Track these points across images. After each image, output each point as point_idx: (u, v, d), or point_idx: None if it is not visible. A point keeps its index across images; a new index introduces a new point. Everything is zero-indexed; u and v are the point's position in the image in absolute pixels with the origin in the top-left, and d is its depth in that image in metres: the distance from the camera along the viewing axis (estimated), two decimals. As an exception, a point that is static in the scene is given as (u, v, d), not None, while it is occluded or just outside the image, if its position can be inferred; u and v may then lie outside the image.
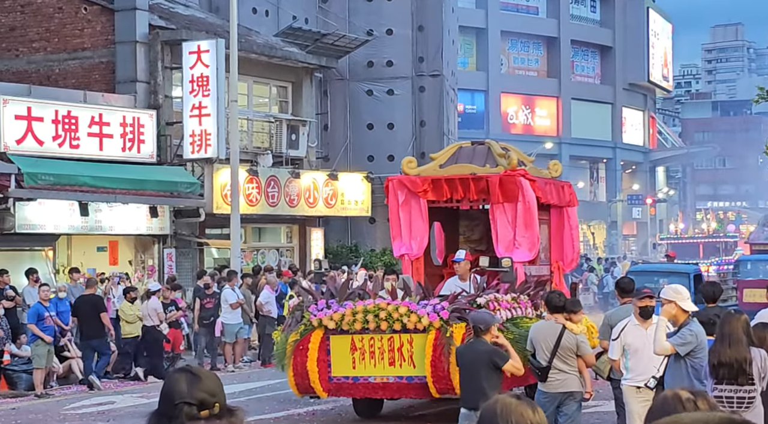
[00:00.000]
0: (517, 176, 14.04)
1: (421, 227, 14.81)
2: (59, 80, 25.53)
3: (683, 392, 3.00)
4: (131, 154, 24.16)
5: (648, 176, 76.06)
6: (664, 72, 77.70)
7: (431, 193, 14.56)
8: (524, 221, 14.07)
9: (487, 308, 11.92)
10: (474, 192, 14.33)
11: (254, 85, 28.68)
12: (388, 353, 12.59)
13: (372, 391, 12.87)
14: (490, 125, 63.05)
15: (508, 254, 14.05)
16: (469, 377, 9.33)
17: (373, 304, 12.76)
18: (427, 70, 32.38)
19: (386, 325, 12.52)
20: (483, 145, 15.35)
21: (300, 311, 13.14)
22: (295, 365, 12.85)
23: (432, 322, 12.29)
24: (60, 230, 22.94)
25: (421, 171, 15.07)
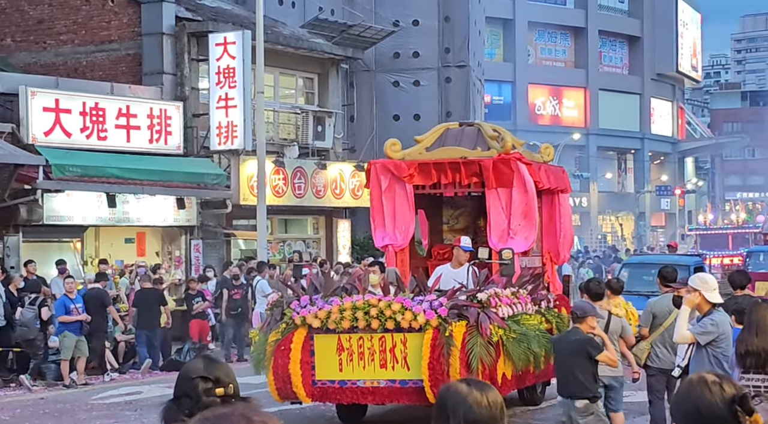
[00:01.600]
0: (512, 160, 13.00)
1: (406, 214, 13.55)
2: (86, 72, 25.65)
3: (709, 375, 2.98)
4: (158, 145, 24.25)
5: (676, 167, 75.57)
6: (693, 62, 77.13)
7: (418, 177, 13.33)
8: (520, 208, 13.04)
9: (488, 305, 11.26)
10: (465, 177, 13.13)
11: (280, 77, 28.70)
12: (379, 354, 11.36)
13: (361, 396, 11.60)
14: (518, 116, 62.84)
15: (502, 244, 12.89)
16: (564, 366, 9.43)
17: (363, 300, 11.52)
18: (453, 61, 32.32)
19: (377, 323, 11.29)
20: (472, 127, 14.26)
21: (280, 307, 11.92)
22: (275, 367, 11.61)
23: (429, 320, 11.11)
24: (88, 221, 23.07)
25: (405, 154, 13.87)
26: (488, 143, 13.60)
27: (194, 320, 20.92)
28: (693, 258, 23.40)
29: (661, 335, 10.97)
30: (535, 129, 61.67)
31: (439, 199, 15.33)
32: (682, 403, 2.97)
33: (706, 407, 2.86)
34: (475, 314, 11.13)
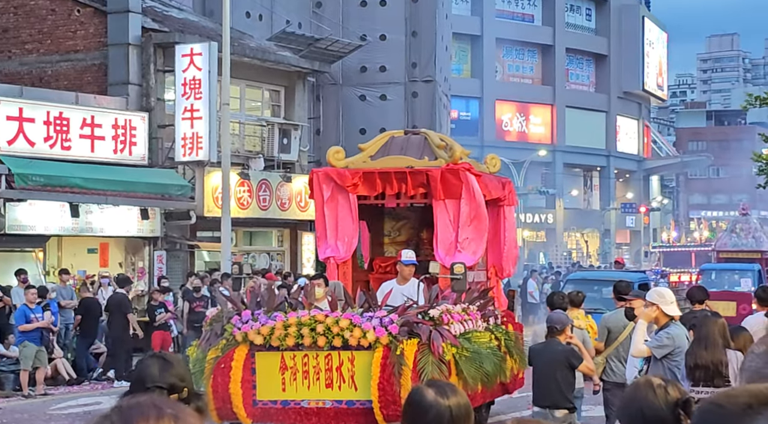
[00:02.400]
0: (461, 170, 12.49)
1: (349, 226, 13.01)
2: (51, 82, 25.55)
3: (655, 379, 3.05)
4: (123, 156, 24.18)
5: (642, 185, 76.18)
6: (659, 81, 77.86)
7: (362, 187, 12.78)
8: (469, 220, 12.53)
9: (440, 322, 10.68)
10: (411, 187, 12.58)
11: (247, 89, 28.71)
12: (324, 373, 10.66)
13: (304, 418, 10.81)
14: (485, 132, 63.17)
15: (449, 257, 12.47)
16: (545, 376, 9.46)
17: (309, 316, 10.77)
18: (420, 76, 32.45)
19: (324, 340, 10.57)
20: (418, 135, 13.71)
21: (219, 322, 11.16)
22: (214, 386, 10.80)
23: (379, 337, 10.45)
24: (50, 231, 22.94)
25: (349, 163, 13.29)
26: (435, 153, 13.15)
27: (157, 332, 20.82)
28: (637, 274, 22.83)
29: (615, 349, 11.10)
30: (502, 145, 61.95)
31: (381, 210, 14.86)
32: (628, 405, 3.03)
33: (650, 409, 2.92)
34: (427, 331, 10.54)
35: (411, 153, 13.17)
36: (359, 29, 32.10)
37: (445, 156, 12.94)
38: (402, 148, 13.33)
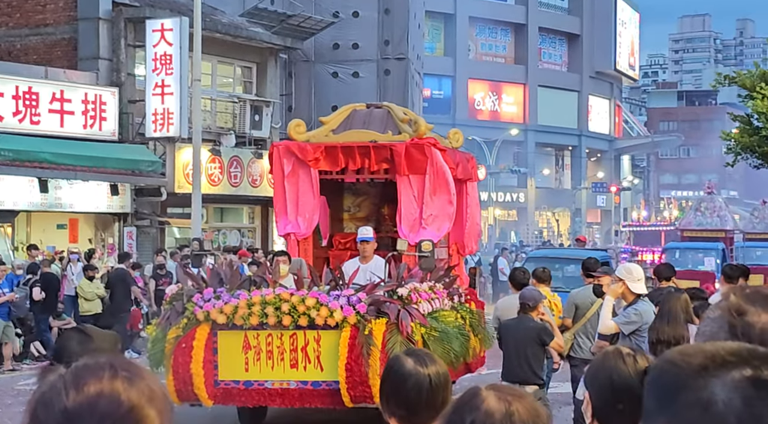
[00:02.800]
0: (426, 145, 12.19)
1: (310, 201, 12.65)
2: (20, 56, 25.30)
3: (624, 348, 3.08)
4: (92, 131, 24.01)
5: (613, 164, 76.49)
6: (630, 61, 78.09)
7: (324, 162, 12.42)
8: (433, 196, 12.26)
9: (409, 301, 10.37)
10: (374, 162, 12.28)
11: (218, 65, 28.54)
12: (289, 353, 10.34)
13: (268, 398, 10.56)
14: (457, 111, 63.17)
15: (413, 234, 12.15)
16: (516, 352, 9.47)
17: (273, 294, 10.42)
18: (392, 54, 32.36)
19: (289, 320, 10.24)
20: (381, 109, 13.34)
21: (180, 300, 10.70)
22: (175, 366, 10.43)
23: (347, 317, 10.14)
24: (19, 206, 22.77)
25: (310, 136, 12.97)
26: (399, 127, 12.81)
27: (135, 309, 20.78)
28: (598, 253, 22.37)
29: (583, 325, 11.15)
30: (475, 124, 62.03)
31: (341, 186, 14.48)
32: (597, 373, 3.07)
33: (619, 377, 2.96)
34: (395, 310, 10.23)
35: (374, 127, 12.84)
36: (332, 6, 31.96)
37: (409, 130, 12.63)
38: (364, 122, 12.98)
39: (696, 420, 1.34)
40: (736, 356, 1.38)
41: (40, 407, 1.65)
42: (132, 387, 1.65)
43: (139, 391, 1.65)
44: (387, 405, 3.17)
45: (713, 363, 1.37)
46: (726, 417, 1.32)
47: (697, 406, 1.34)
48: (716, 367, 1.37)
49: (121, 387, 1.64)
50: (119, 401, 1.63)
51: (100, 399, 1.62)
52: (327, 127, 13.13)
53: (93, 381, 1.64)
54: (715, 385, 1.35)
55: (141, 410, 1.64)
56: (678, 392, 1.37)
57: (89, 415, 1.61)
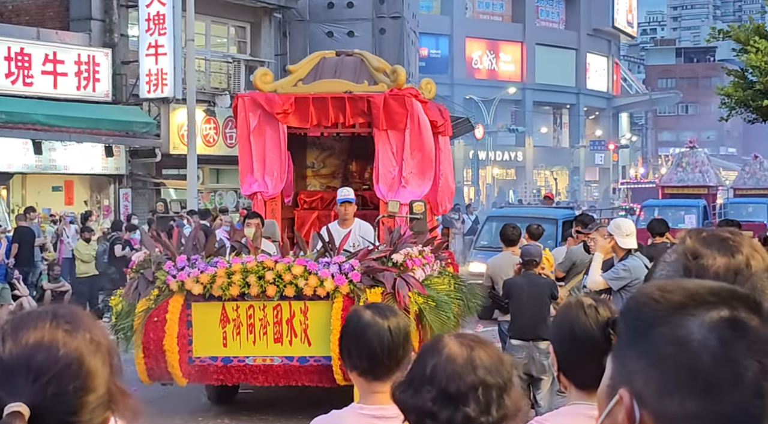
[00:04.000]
0: (406, 96, 11.15)
1: (278, 157, 11.57)
2: (12, 17, 25.11)
3: (586, 299, 3.05)
4: (86, 93, 23.89)
5: (611, 122, 76.33)
6: (628, 18, 77.66)
7: (293, 116, 11.35)
8: (414, 152, 11.33)
9: (405, 267, 9.38)
10: (350, 115, 11.22)
11: (212, 25, 28.36)
12: (273, 326, 9.35)
13: (249, 376, 9.53)
14: (455, 70, 62.90)
15: (392, 194, 11.28)
16: (530, 309, 9.39)
17: (256, 261, 9.34)
18: (387, 12, 32.14)
19: (274, 290, 9.22)
20: (353, 57, 12.22)
21: (149, 268, 9.53)
22: (146, 342, 9.33)
23: (339, 286, 9.18)
24: (13, 168, 22.71)
25: (277, 87, 11.81)
26: (374, 76, 11.71)
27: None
28: (562, 211, 21.15)
29: (579, 282, 11.14)
30: (472, 83, 61.84)
31: (303, 140, 13.30)
32: (559, 325, 3.03)
33: (581, 328, 2.93)
34: (391, 279, 9.29)
35: (346, 76, 11.72)
36: (326, -36, 31.71)
37: (386, 80, 11.51)
38: (336, 71, 11.86)
39: (669, 356, 1.33)
40: (716, 296, 1.37)
41: None
42: (73, 338, 1.57)
43: (80, 342, 1.57)
44: (348, 358, 3.16)
45: (692, 301, 1.36)
46: (700, 356, 1.31)
47: (671, 343, 1.34)
48: (695, 305, 1.36)
49: (61, 338, 1.56)
50: (57, 356, 1.54)
51: (37, 352, 1.54)
52: (295, 76, 11.98)
53: (31, 331, 1.56)
54: (692, 323, 1.34)
55: (82, 363, 1.56)
56: (653, 326, 1.36)
57: (25, 369, 1.53)
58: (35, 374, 1.52)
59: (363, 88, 11.44)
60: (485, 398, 2.29)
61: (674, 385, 1.32)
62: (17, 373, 1.52)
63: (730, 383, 1.30)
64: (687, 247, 1.97)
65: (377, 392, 3.10)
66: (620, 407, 1.38)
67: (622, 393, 1.38)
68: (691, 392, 1.31)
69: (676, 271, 1.84)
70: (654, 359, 1.34)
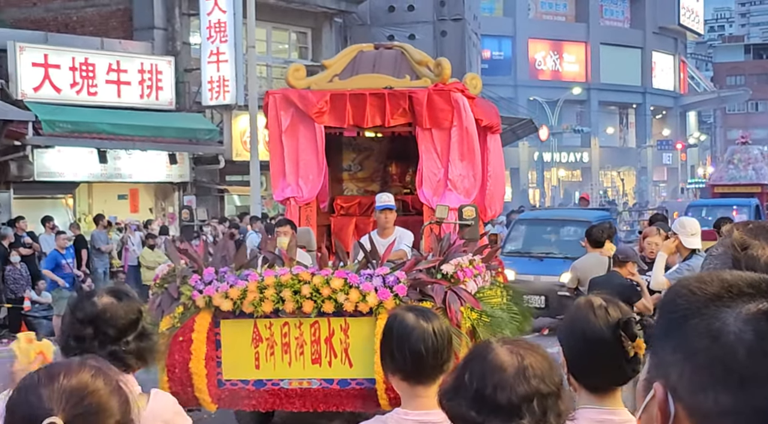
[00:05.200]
0: (452, 91, 10.14)
1: (313, 160, 10.54)
2: (77, 28, 25.47)
3: (596, 298, 2.96)
4: (149, 101, 24.13)
5: (678, 121, 75.38)
6: (695, 15, 76.62)
7: (330, 115, 10.35)
8: (461, 153, 10.32)
9: (456, 280, 8.38)
10: (391, 113, 10.14)
11: (273, 31, 28.49)
12: (311, 345, 8.39)
13: (285, 401, 8.59)
14: (518, 72, 62.55)
15: (437, 198, 10.21)
16: None
17: (291, 274, 8.32)
18: (448, 15, 32.08)
19: (311, 305, 8.25)
20: (392, 50, 11.18)
21: (173, 283, 8.55)
22: (171, 365, 8.38)
23: (383, 301, 8.17)
24: (79, 177, 23.01)
25: (311, 83, 10.79)
26: (417, 70, 10.69)
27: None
28: (597, 213, 19.83)
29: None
30: (536, 84, 61.45)
31: (339, 140, 12.26)
32: (568, 326, 2.95)
33: (591, 330, 2.85)
34: (441, 292, 8.30)
35: (385, 70, 10.67)
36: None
37: (430, 75, 10.48)
38: (374, 65, 10.86)
39: (704, 349, 1.29)
40: (754, 288, 1.33)
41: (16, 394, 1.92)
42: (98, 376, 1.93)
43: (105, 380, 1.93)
44: (391, 362, 3.11)
45: (728, 293, 1.32)
46: (735, 349, 1.27)
47: (706, 335, 1.30)
48: (731, 297, 1.32)
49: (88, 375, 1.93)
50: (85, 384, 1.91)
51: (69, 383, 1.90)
52: (330, 71, 10.92)
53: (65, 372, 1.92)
54: (728, 315, 1.30)
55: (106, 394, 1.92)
56: (688, 318, 1.33)
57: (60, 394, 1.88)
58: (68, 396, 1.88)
59: (405, 84, 10.42)
60: (541, 409, 2.20)
61: (708, 379, 1.28)
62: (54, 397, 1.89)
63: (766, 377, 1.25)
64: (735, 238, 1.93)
65: (421, 396, 3.05)
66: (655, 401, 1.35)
67: (656, 387, 1.35)
68: (726, 386, 1.26)
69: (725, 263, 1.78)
70: (688, 352, 1.31)
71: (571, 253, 16.01)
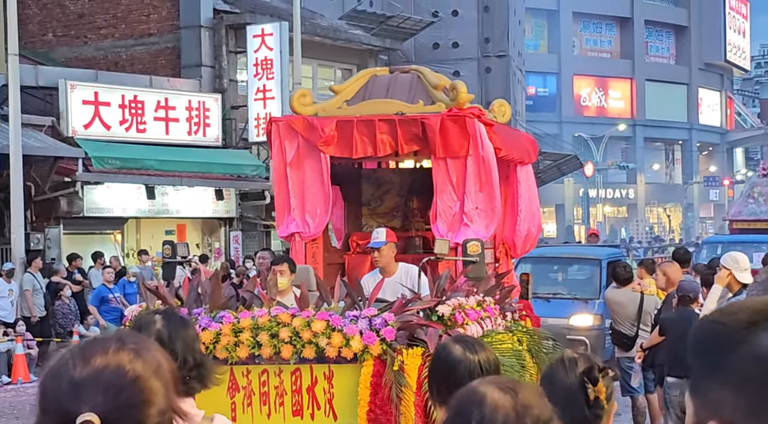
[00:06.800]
0: (468, 117, 9.13)
1: (319, 193, 9.63)
2: (126, 66, 25.88)
3: (568, 352, 3.09)
4: (197, 137, 24.41)
5: (725, 158, 74.80)
6: (741, 51, 76.21)
7: (336, 144, 9.39)
8: (478, 184, 9.31)
9: (453, 323, 7.59)
10: (403, 141, 9.21)
11: (319, 68, 28.74)
12: (291, 395, 7.66)
13: None
14: (563, 108, 62.48)
15: (452, 233, 9.20)
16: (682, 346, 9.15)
17: (269, 316, 7.62)
18: (493, 51, 32.22)
19: (290, 350, 7.50)
20: (408, 74, 10.19)
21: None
22: None
23: (368, 346, 7.41)
24: (128, 213, 23.28)
25: (319, 109, 9.88)
26: (432, 95, 9.71)
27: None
28: (607, 250, 18.45)
29: None
30: (581, 121, 61.33)
31: (357, 172, 11.33)
32: (543, 382, 3.07)
33: (560, 384, 2.98)
34: (435, 336, 7.44)
35: (399, 96, 9.74)
36: (431, 6, 31.97)
37: (446, 99, 9.50)
38: (388, 90, 9.96)
39: (754, 376, 1.30)
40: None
41: (49, 379, 1.73)
42: (138, 359, 1.73)
43: (145, 363, 1.74)
44: (437, 394, 3.18)
45: (760, 316, 1.33)
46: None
47: (752, 361, 1.30)
48: (764, 319, 1.33)
49: (126, 359, 1.73)
50: (123, 371, 1.71)
51: (105, 370, 1.71)
52: (340, 97, 10.07)
53: (100, 353, 1.73)
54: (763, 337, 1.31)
55: (146, 381, 1.72)
56: (729, 351, 1.33)
57: (95, 384, 1.69)
58: (103, 390, 1.69)
59: (417, 109, 9.48)
60: None
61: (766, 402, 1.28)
62: (87, 390, 1.69)
63: None
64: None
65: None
66: None
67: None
68: None
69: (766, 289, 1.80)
70: (738, 382, 1.31)
71: (580, 293, 15.57)
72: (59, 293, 18.84)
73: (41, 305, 18.46)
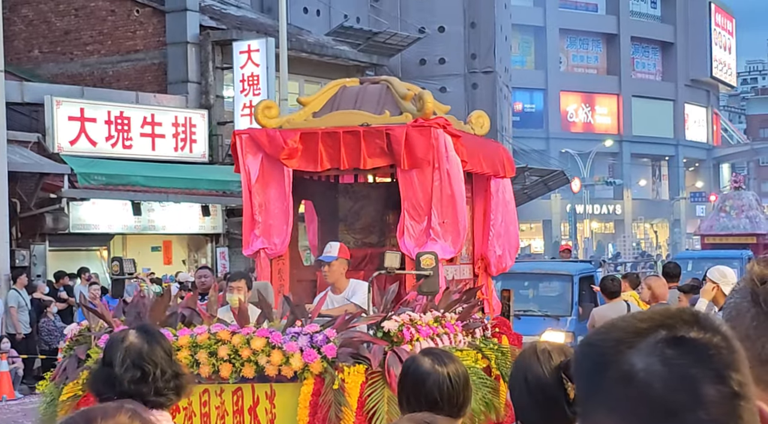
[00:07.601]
0: (432, 127, 8.78)
1: (282, 209, 9.25)
2: (113, 82, 25.86)
3: (541, 343, 2.99)
4: (183, 153, 24.38)
5: (712, 173, 75.07)
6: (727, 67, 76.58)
7: (301, 157, 9.01)
8: (446, 197, 8.94)
9: (400, 339, 7.24)
10: (367, 153, 8.86)
11: (305, 84, 28.73)
12: (233, 416, 7.39)
13: None
14: (550, 124, 62.66)
15: (419, 248, 8.69)
16: None
17: (208, 333, 7.36)
18: (479, 67, 32.32)
19: (230, 369, 7.24)
20: (378, 84, 9.89)
21: (84, 344, 7.66)
22: None
23: (309, 364, 7.13)
24: (114, 229, 23.22)
25: (284, 122, 9.50)
26: (400, 105, 9.36)
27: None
28: (579, 265, 17.84)
29: None
30: (568, 137, 61.49)
31: (334, 187, 10.90)
32: (513, 373, 2.97)
33: (533, 375, 2.86)
34: (380, 353, 7.20)
35: (367, 107, 9.42)
36: (417, 22, 32.05)
37: (413, 109, 9.14)
38: (356, 101, 9.66)
39: (623, 397, 1.27)
40: (648, 322, 1.31)
41: None
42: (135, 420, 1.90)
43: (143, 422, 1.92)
44: (407, 406, 3.15)
45: (627, 334, 1.30)
46: (650, 384, 1.25)
47: (620, 382, 1.27)
48: (630, 337, 1.30)
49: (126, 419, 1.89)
50: None
51: None
52: (308, 109, 9.72)
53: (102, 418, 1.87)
54: (632, 355, 1.28)
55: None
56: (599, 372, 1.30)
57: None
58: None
59: (383, 120, 9.12)
60: None
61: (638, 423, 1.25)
62: None
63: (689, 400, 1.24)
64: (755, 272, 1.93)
65: None
66: None
67: None
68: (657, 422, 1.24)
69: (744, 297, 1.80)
70: (611, 404, 1.28)
71: (552, 310, 15.14)
72: (45, 309, 18.77)
73: (26, 322, 18.38)
